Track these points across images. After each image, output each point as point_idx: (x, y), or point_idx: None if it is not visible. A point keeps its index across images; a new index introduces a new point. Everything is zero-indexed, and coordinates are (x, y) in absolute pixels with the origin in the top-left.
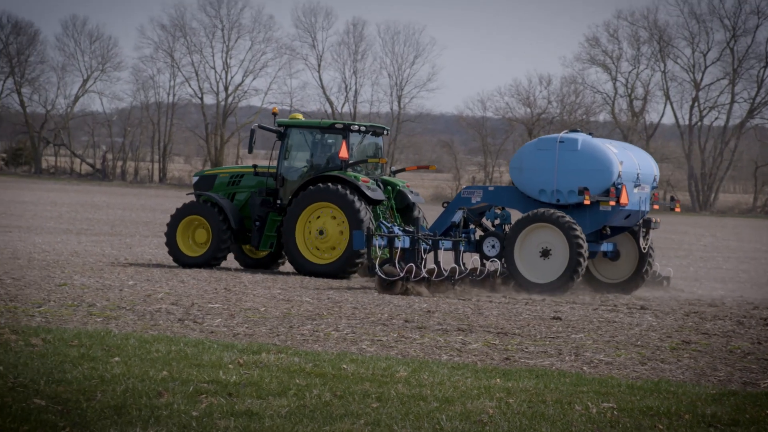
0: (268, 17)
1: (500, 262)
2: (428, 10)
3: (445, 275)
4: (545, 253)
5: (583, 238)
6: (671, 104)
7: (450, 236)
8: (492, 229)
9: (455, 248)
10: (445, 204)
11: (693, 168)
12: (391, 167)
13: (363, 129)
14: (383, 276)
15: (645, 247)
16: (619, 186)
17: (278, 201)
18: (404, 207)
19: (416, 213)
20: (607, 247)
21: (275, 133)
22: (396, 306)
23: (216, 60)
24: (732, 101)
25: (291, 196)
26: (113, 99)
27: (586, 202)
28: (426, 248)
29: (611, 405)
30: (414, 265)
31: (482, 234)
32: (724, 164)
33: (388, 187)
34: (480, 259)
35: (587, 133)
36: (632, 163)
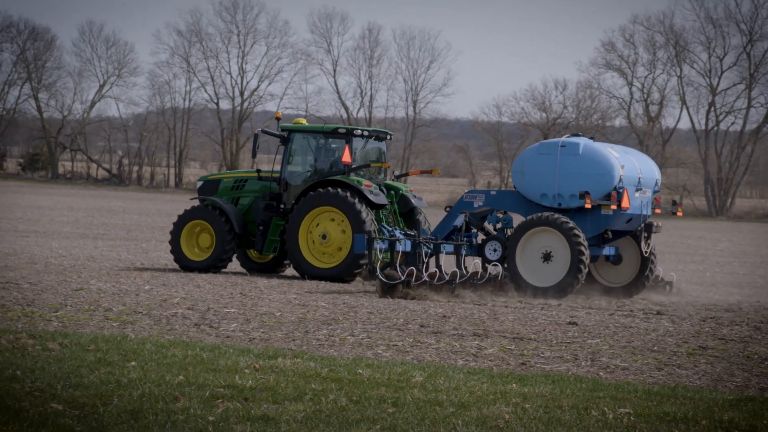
0: (284, 22)
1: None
2: (444, 15)
3: (446, 279)
4: (547, 257)
5: (585, 242)
6: (687, 109)
7: (452, 240)
8: (494, 233)
9: (457, 252)
10: (448, 208)
11: (709, 173)
12: (394, 172)
13: (366, 134)
14: (384, 279)
15: (647, 251)
16: (621, 190)
17: (282, 205)
18: (407, 211)
19: (419, 217)
20: (609, 251)
21: (279, 138)
22: (411, 311)
23: (232, 65)
24: (749, 106)
25: (294, 201)
26: (129, 104)
27: (587, 206)
28: (427, 252)
29: (628, 411)
30: (415, 269)
31: (484, 238)
32: (741, 169)
33: (391, 192)
34: (482, 263)
35: (589, 138)
36: (634, 168)
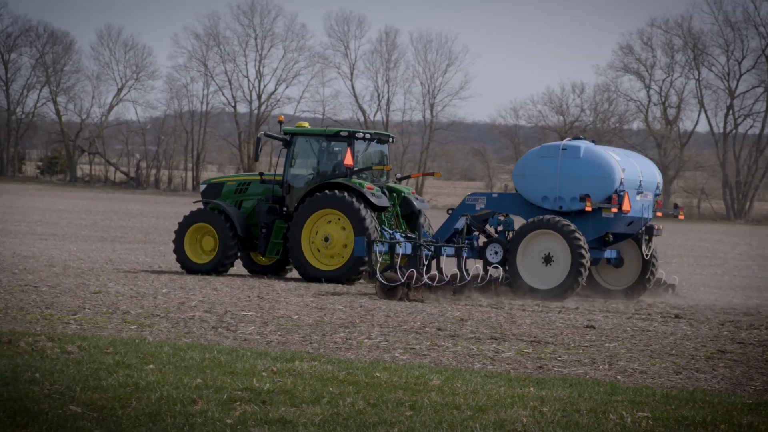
0: (301, 26)
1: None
2: (461, 19)
3: (446, 281)
4: (547, 260)
5: (585, 245)
6: (705, 112)
7: (453, 243)
8: (495, 236)
9: (458, 254)
10: (450, 211)
11: (727, 176)
12: (397, 174)
13: (368, 137)
14: (384, 282)
15: (647, 254)
16: (621, 193)
17: (284, 208)
18: (409, 214)
19: (421, 219)
20: (611, 254)
21: (281, 141)
22: (428, 314)
23: (249, 69)
24: (767, 109)
25: (297, 203)
26: (147, 108)
27: (588, 209)
28: (427, 254)
29: (646, 414)
30: (415, 271)
31: (485, 240)
32: (759, 172)
33: (394, 194)
34: (483, 266)
35: (590, 141)
36: (635, 171)
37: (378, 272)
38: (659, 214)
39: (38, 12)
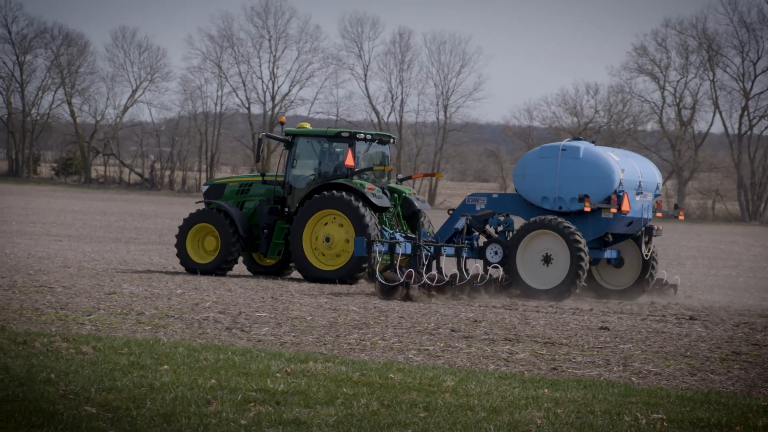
0: (315, 27)
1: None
2: (475, 20)
3: (446, 281)
4: (547, 260)
5: (585, 245)
6: (720, 113)
7: (453, 243)
8: (495, 236)
9: (458, 255)
10: (451, 211)
11: (742, 177)
12: (398, 175)
13: (369, 137)
14: (383, 281)
15: (647, 254)
16: (621, 193)
17: (286, 209)
18: (410, 214)
19: (422, 220)
20: (611, 254)
21: (283, 142)
22: (442, 315)
23: (263, 70)
24: None
25: (298, 204)
26: (161, 109)
27: (587, 209)
28: (427, 254)
29: (661, 416)
30: (414, 271)
31: (486, 240)
32: None
33: (395, 195)
34: (483, 266)
35: (590, 141)
36: (634, 171)
37: (377, 272)
38: (659, 215)
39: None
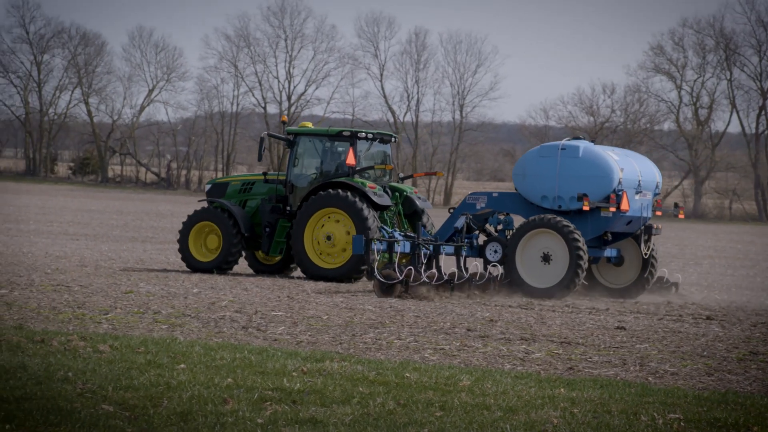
0: (331, 27)
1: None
2: (491, 19)
3: (445, 279)
4: (546, 259)
5: (583, 244)
6: (737, 113)
7: (453, 241)
8: (495, 235)
9: (457, 253)
10: (451, 210)
11: (759, 177)
12: (399, 173)
13: (370, 136)
14: (382, 279)
15: (646, 253)
16: (620, 192)
17: (288, 207)
18: (412, 213)
19: (423, 219)
20: (611, 253)
21: (284, 141)
22: (458, 315)
23: (279, 70)
24: None
25: (300, 203)
26: (178, 109)
27: (586, 208)
28: (426, 253)
29: (678, 416)
30: (413, 269)
31: (485, 239)
32: None
33: (396, 193)
34: (483, 264)
35: (590, 141)
36: (633, 170)
37: (376, 270)
38: (658, 213)
39: (71, 14)
